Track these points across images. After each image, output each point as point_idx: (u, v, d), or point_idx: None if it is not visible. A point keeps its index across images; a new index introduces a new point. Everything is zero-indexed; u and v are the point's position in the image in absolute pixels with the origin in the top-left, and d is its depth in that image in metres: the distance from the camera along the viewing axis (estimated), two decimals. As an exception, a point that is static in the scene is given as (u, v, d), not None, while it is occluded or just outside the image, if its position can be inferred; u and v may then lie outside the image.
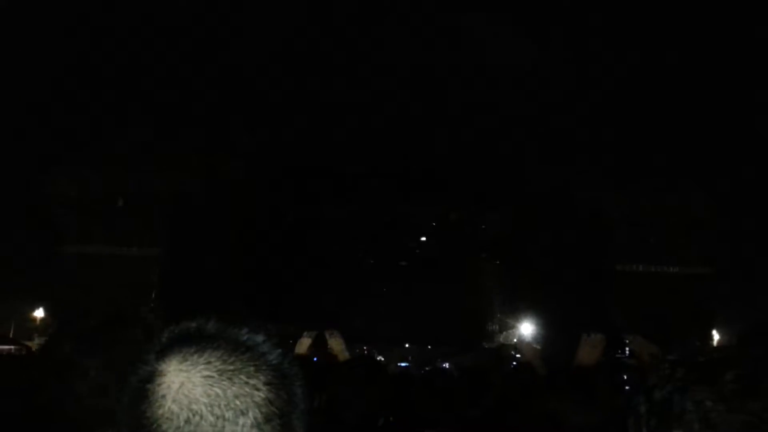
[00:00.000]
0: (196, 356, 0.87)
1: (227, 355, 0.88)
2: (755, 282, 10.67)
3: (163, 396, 0.85)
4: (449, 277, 17.03)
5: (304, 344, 3.76)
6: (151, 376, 0.87)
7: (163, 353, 0.88)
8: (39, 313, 13.47)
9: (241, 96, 9.06)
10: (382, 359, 12.11)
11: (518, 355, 4.96)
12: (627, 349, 5.02)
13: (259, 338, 0.92)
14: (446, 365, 11.15)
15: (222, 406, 0.84)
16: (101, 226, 12.24)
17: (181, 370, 0.86)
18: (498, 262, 16.88)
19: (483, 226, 15.94)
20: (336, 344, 3.73)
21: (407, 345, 15.35)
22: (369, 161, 11.61)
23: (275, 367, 0.90)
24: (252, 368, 0.87)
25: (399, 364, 6.78)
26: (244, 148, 10.98)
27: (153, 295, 12.13)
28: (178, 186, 12.01)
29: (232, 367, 0.87)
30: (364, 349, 14.12)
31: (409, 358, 11.77)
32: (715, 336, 11.84)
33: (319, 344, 3.92)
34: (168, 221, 12.50)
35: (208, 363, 0.87)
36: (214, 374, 0.86)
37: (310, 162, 11.31)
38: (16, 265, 11.25)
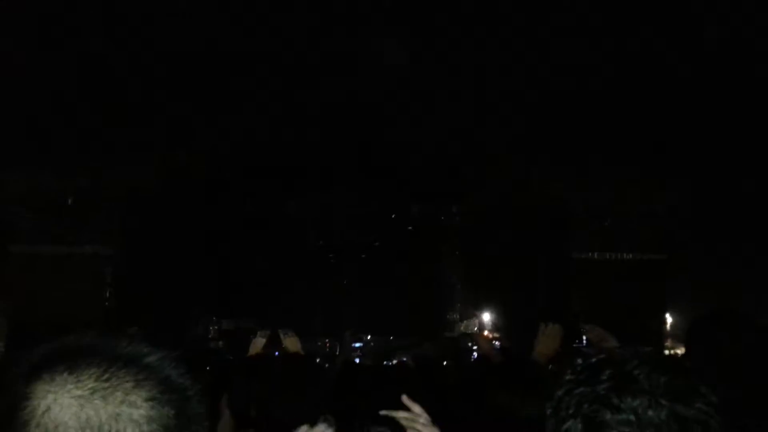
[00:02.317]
0: (65, 375, 0.79)
1: (102, 372, 0.80)
2: (712, 267, 10.80)
3: (26, 422, 0.77)
4: (411, 269, 17.08)
5: (257, 344, 3.69)
6: (18, 401, 0.78)
7: (31, 374, 0.80)
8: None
9: (196, 90, 8.79)
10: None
11: (475, 346, 5.00)
12: (585, 338, 5.10)
13: (144, 349, 0.84)
14: (405, 358, 11.18)
15: (95, 429, 0.77)
16: (51, 224, 11.75)
17: (48, 391, 0.78)
18: (458, 253, 16.98)
19: (444, 218, 16.02)
20: (291, 343, 3.68)
21: (369, 337, 15.37)
22: (327, 154, 11.46)
23: (162, 381, 0.82)
24: (131, 384, 0.80)
25: (353, 357, 6.67)
26: (198, 143, 10.72)
27: (107, 296, 11.76)
28: (133, 181, 11.68)
29: (106, 384, 0.79)
30: (327, 343, 14.12)
31: (360, 351, 11.62)
32: (668, 320, 12.10)
33: (274, 343, 3.86)
34: (122, 218, 12.13)
35: (79, 381, 0.79)
36: (86, 394, 0.78)
37: (264, 158, 11.11)
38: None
